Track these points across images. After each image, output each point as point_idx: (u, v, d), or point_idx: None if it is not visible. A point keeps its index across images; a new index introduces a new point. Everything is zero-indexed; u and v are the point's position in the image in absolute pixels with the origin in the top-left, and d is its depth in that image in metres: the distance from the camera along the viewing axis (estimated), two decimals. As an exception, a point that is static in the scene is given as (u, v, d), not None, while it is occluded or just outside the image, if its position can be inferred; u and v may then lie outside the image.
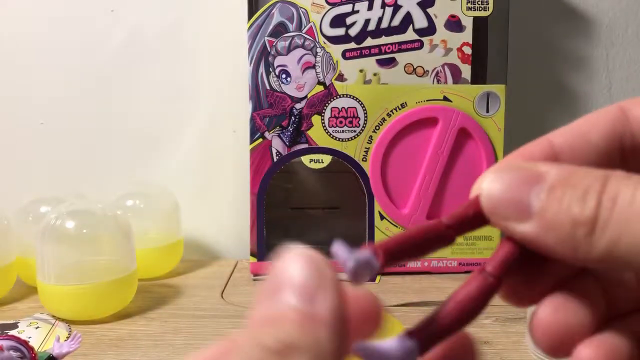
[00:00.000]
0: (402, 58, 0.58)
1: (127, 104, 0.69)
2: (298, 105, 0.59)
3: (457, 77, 0.59)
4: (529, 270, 0.18)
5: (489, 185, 0.17)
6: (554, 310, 0.17)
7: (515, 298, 0.19)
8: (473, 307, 0.17)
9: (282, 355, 0.13)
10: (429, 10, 0.58)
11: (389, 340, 0.16)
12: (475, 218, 0.18)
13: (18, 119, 0.69)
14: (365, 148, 0.59)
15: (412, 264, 0.61)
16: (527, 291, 0.18)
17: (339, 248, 0.16)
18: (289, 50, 0.58)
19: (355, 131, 0.59)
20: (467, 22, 0.58)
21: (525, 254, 0.17)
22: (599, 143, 0.18)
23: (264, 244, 0.61)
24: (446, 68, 0.59)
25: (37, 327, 0.48)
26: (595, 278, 0.18)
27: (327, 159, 0.60)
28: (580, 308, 0.17)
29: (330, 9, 0.57)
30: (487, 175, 0.17)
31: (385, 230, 0.61)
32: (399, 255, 0.17)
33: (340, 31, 0.58)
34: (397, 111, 0.59)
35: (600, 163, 0.18)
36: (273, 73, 0.58)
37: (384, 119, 0.59)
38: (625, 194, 0.15)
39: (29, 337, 0.45)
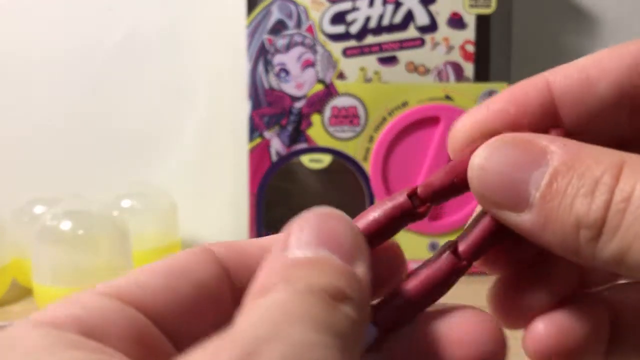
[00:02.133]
0: (403, 56, 0.58)
1: (124, 104, 0.69)
2: (297, 104, 0.58)
3: (459, 75, 0.58)
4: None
5: (482, 162, 0.15)
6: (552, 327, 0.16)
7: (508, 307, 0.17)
8: (438, 291, 0.16)
9: (337, 300, 0.12)
10: (430, 7, 0.57)
11: None
12: (456, 188, 0.16)
13: (14, 118, 0.69)
14: (366, 147, 0.59)
15: (414, 266, 0.60)
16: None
17: None
18: (288, 48, 0.57)
19: (355, 130, 0.59)
20: (470, 20, 0.57)
21: (506, 232, 0.15)
22: (606, 94, 0.15)
23: (263, 245, 0.60)
24: (448, 66, 0.58)
25: (32, 330, 0.47)
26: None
27: (327, 158, 0.59)
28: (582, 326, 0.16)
29: (330, 6, 0.57)
30: (481, 149, 0.15)
31: (386, 231, 0.60)
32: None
33: (341, 29, 0.57)
34: (398, 110, 0.58)
35: (604, 117, 0.15)
36: (272, 71, 0.58)
37: (384, 118, 0.58)
38: None
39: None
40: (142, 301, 0.14)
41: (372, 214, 0.16)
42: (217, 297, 0.15)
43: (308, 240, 0.13)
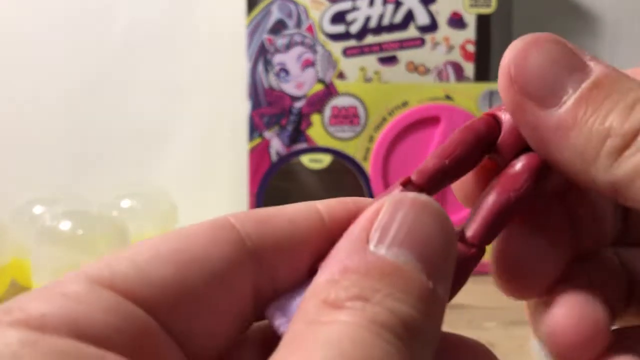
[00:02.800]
0: (403, 56, 0.57)
1: (123, 104, 0.69)
2: (297, 104, 0.58)
3: (459, 75, 0.58)
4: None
5: (524, 49, 0.14)
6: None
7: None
8: (453, 286, 0.14)
9: (410, 333, 0.11)
10: (431, 7, 0.57)
11: (297, 294, 0.14)
12: (450, 171, 0.15)
13: (14, 118, 0.69)
14: (366, 147, 0.59)
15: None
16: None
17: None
18: (288, 47, 0.57)
19: (355, 130, 0.58)
20: (470, 20, 0.57)
21: (515, 207, 0.14)
22: None
23: (263, 245, 0.60)
24: (448, 66, 0.58)
25: (31, 330, 0.47)
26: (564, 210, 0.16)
27: (327, 158, 0.59)
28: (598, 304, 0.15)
29: (331, 5, 0.57)
30: (522, 40, 0.14)
31: (386, 231, 0.60)
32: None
33: (341, 28, 0.57)
34: (398, 110, 0.58)
35: None
36: (272, 71, 0.57)
37: (385, 118, 0.58)
38: None
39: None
40: (145, 296, 0.12)
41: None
42: (238, 289, 0.13)
43: (399, 238, 0.12)
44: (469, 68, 0.58)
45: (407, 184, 0.15)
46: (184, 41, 0.68)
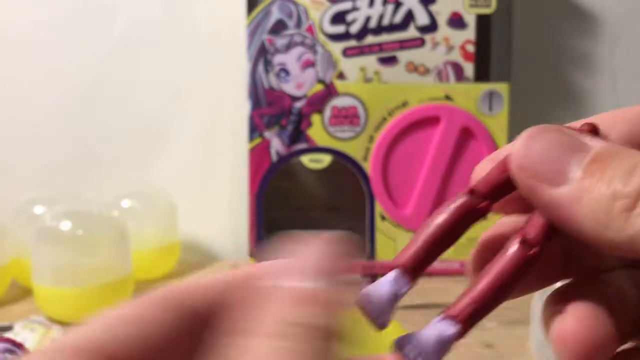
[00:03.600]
0: (403, 56, 0.57)
1: (123, 104, 0.69)
2: (297, 104, 0.58)
3: (459, 75, 0.58)
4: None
5: (526, 141, 0.16)
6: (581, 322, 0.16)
7: None
8: (512, 285, 0.16)
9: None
10: (430, 7, 0.57)
11: (427, 328, 0.16)
12: (507, 184, 0.16)
13: (13, 119, 0.69)
14: (366, 148, 0.59)
15: (414, 266, 0.61)
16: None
17: (365, 298, 0.16)
18: (288, 48, 0.57)
19: (355, 130, 0.58)
20: (470, 20, 0.57)
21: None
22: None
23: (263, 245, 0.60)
24: (448, 66, 0.58)
25: (32, 330, 0.47)
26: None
27: (327, 158, 0.59)
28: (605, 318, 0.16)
29: (331, 6, 0.57)
30: (524, 133, 0.16)
31: (386, 231, 0.60)
32: (427, 264, 0.16)
33: (341, 28, 0.57)
34: (398, 110, 0.58)
35: None
36: (272, 71, 0.58)
37: (384, 118, 0.58)
38: None
39: (25, 340, 0.45)
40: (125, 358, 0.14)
41: (436, 221, 0.17)
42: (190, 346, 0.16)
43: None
44: (469, 68, 0.58)
45: (472, 194, 0.17)
46: (184, 41, 0.68)
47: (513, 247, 0.16)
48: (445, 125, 0.58)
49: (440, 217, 0.17)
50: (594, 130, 0.16)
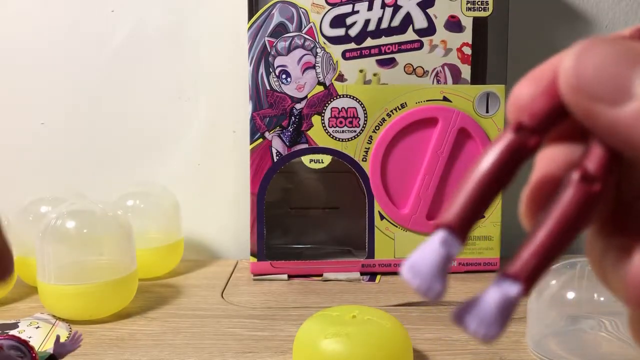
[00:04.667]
0: (402, 58, 0.58)
1: (127, 104, 0.69)
2: (298, 106, 0.59)
3: (457, 77, 0.59)
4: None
5: (578, 58, 0.14)
6: None
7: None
8: (575, 229, 0.13)
9: None
10: (428, 10, 0.58)
11: (486, 292, 0.14)
12: (561, 108, 0.14)
13: (18, 119, 0.69)
14: (365, 148, 0.60)
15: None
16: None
17: (411, 268, 0.14)
18: (289, 50, 0.58)
19: (355, 131, 0.59)
20: (467, 23, 0.58)
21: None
22: None
23: (264, 244, 0.61)
24: (446, 68, 0.59)
25: (37, 327, 0.48)
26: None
27: (327, 159, 0.60)
28: None
29: (330, 9, 0.57)
30: (574, 49, 0.14)
31: (385, 230, 0.61)
32: (476, 219, 0.14)
33: (340, 31, 0.58)
34: (397, 111, 0.59)
35: None
36: (273, 73, 0.58)
37: (383, 119, 0.59)
38: None
39: (30, 337, 0.45)
40: None
41: (482, 167, 0.14)
42: None
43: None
44: (466, 70, 0.59)
45: (520, 130, 0.14)
46: (186, 44, 0.68)
47: (573, 185, 0.13)
48: (443, 126, 0.59)
49: (486, 163, 0.14)
50: None
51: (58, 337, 0.40)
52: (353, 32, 0.58)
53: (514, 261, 0.14)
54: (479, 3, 0.58)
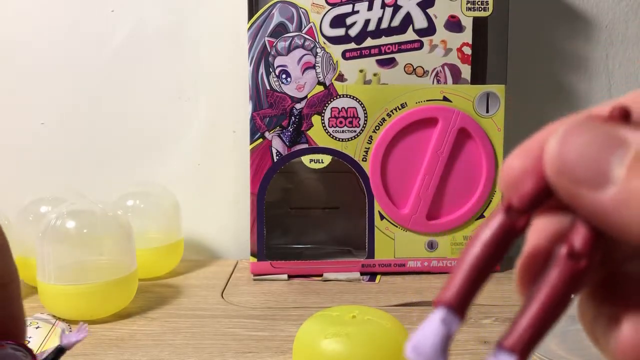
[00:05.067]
0: (402, 58, 0.58)
1: (127, 104, 0.69)
2: (298, 106, 0.59)
3: (457, 77, 0.59)
4: None
5: (560, 142, 0.14)
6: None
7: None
8: (565, 302, 0.14)
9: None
10: (428, 10, 0.58)
11: None
12: (548, 189, 0.15)
13: (19, 119, 0.69)
14: (365, 148, 0.60)
15: (412, 264, 0.61)
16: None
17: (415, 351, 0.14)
18: (289, 50, 0.58)
19: (355, 131, 0.59)
20: (467, 23, 0.58)
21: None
22: None
23: (264, 244, 0.61)
24: (446, 68, 0.59)
25: (37, 327, 0.48)
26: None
27: (327, 159, 0.60)
28: None
29: (330, 9, 0.57)
30: (557, 133, 0.14)
31: (385, 230, 0.61)
32: (473, 296, 0.15)
33: (340, 31, 0.58)
34: (397, 111, 0.59)
35: None
36: (273, 73, 0.58)
37: (383, 119, 0.59)
38: None
39: (30, 337, 0.45)
40: None
41: (475, 249, 0.15)
42: None
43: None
44: (466, 70, 0.59)
45: (509, 211, 0.15)
46: (186, 44, 0.68)
47: (560, 261, 0.14)
48: (443, 126, 0.59)
49: (479, 245, 0.15)
50: (625, 116, 0.15)
51: (63, 330, 0.39)
52: (353, 32, 0.58)
53: (509, 333, 0.15)
54: (479, 3, 0.58)
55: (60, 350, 0.36)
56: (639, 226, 0.13)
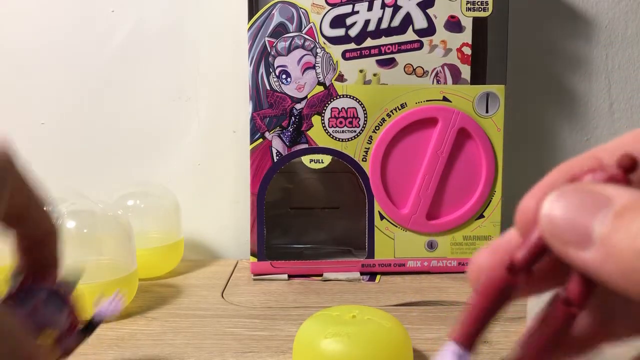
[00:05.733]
0: (401, 58, 0.58)
1: (127, 104, 0.69)
2: (298, 106, 0.59)
3: (456, 77, 0.59)
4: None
5: (550, 206, 0.16)
6: None
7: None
8: (556, 343, 0.17)
9: None
10: (428, 10, 0.58)
11: None
12: (544, 248, 0.17)
13: (18, 119, 0.69)
14: (365, 148, 0.60)
15: (412, 264, 0.61)
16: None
17: None
18: (289, 50, 0.58)
19: (355, 131, 0.59)
20: (467, 23, 0.58)
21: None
22: None
23: (264, 244, 0.61)
24: (446, 68, 0.59)
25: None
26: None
27: (327, 159, 0.60)
28: None
29: (330, 9, 0.58)
30: (550, 196, 0.16)
31: (385, 230, 0.61)
32: (480, 336, 0.17)
33: (340, 32, 0.58)
34: (396, 111, 0.59)
35: None
36: (273, 73, 0.58)
37: (383, 119, 0.59)
38: None
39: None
40: None
41: (478, 304, 0.17)
42: None
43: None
44: (466, 70, 0.59)
45: (511, 269, 0.17)
46: (187, 44, 0.68)
47: (557, 305, 0.17)
48: (443, 126, 0.59)
49: (485, 296, 0.17)
50: (632, 167, 0.16)
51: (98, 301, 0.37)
52: (353, 32, 0.58)
53: (520, 357, 0.17)
54: (479, 3, 0.58)
55: (90, 326, 0.33)
56: (624, 282, 0.14)
